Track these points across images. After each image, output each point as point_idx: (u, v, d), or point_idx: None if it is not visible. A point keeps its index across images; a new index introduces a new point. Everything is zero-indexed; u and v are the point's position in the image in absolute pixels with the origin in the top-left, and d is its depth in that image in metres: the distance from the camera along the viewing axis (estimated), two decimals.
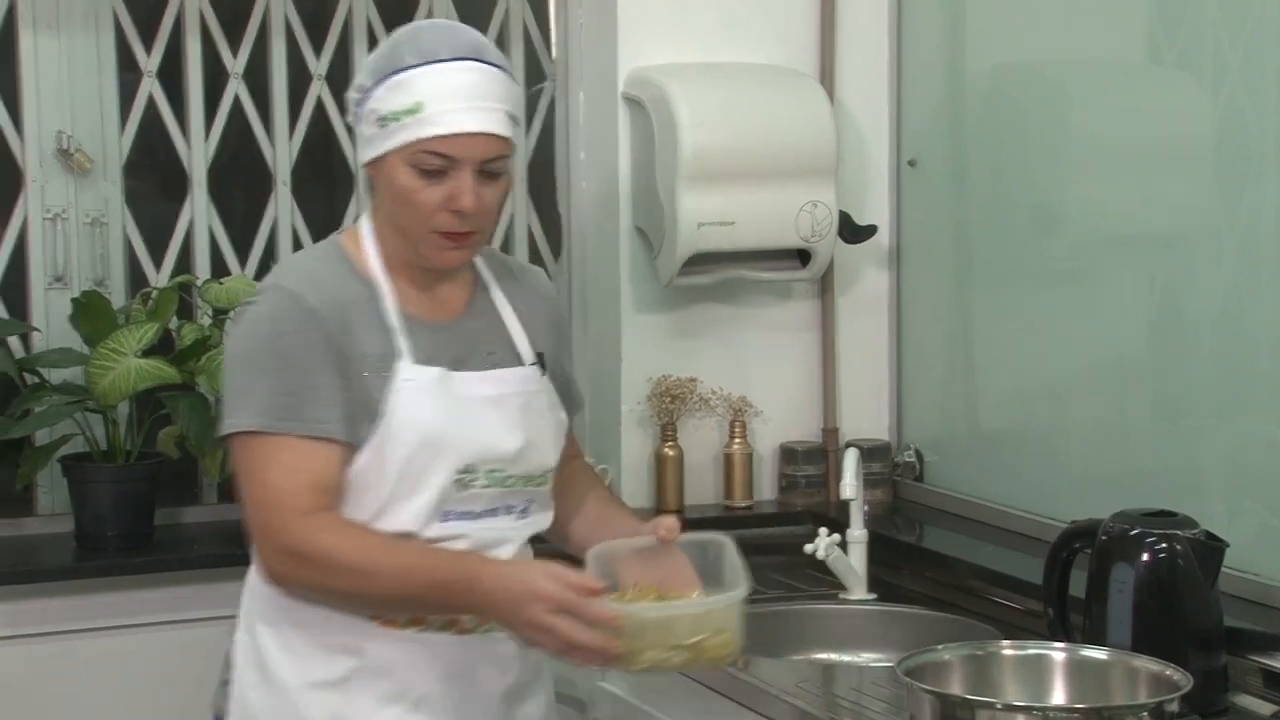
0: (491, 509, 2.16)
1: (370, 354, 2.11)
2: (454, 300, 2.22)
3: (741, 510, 3.28)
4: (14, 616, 2.89)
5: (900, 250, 3.37)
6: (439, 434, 2.11)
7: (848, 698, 2.46)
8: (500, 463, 2.15)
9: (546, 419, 2.22)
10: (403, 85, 2.09)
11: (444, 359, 2.15)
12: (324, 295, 2.11)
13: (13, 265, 3.15)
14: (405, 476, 2.10)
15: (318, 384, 2.08)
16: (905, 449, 3.32)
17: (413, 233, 2.13)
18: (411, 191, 2.09)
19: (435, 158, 2.08)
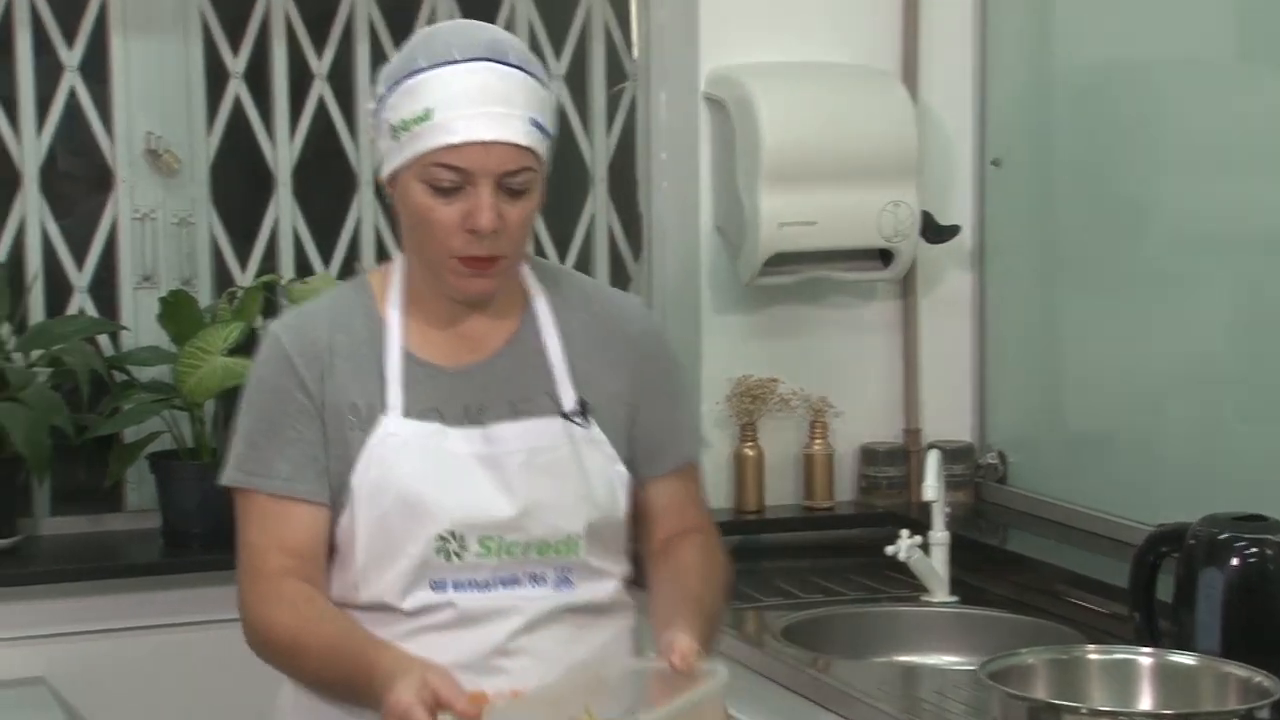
0: (509, 578, 1.93)
1: (360, 404, 1.93)
2: (489, 337, 1.98)
3: (821, 511, 3.27)
4: (102, 611, 2.93)
5: (983, 250, 3.35)
6: (413, 496, 1.89)
7: (929, 700, 2.44)
8: (494, 529, 1.91)
9: (573, 479, 1.94)
10: (413, 90, 1.89)
11: (451, 411, 1.94)
12: (307, 339, 1.94)
13: (103, 265, 3.19)
14: (377, 542, 1.90)
15: (287, 437, 1.91)
16: (988, 451, 3.30)
17: (433, 258, 1.92)
18: (426, 210, 1.88)
19: (447, 171, 1.86)
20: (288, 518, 1.91)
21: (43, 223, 3.14)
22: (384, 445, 1.91)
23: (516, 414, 1.94)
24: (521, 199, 1.89)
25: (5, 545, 2.96)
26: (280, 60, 3.26)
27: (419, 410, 1.93)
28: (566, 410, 1.96)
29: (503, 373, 1.97)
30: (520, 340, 1.99)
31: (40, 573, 2.94)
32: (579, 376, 1.97)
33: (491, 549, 1.91)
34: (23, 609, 2.89)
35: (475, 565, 1.91)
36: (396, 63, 1.94)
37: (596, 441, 1.97)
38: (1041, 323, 3.20)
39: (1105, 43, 3.05)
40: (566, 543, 1.94)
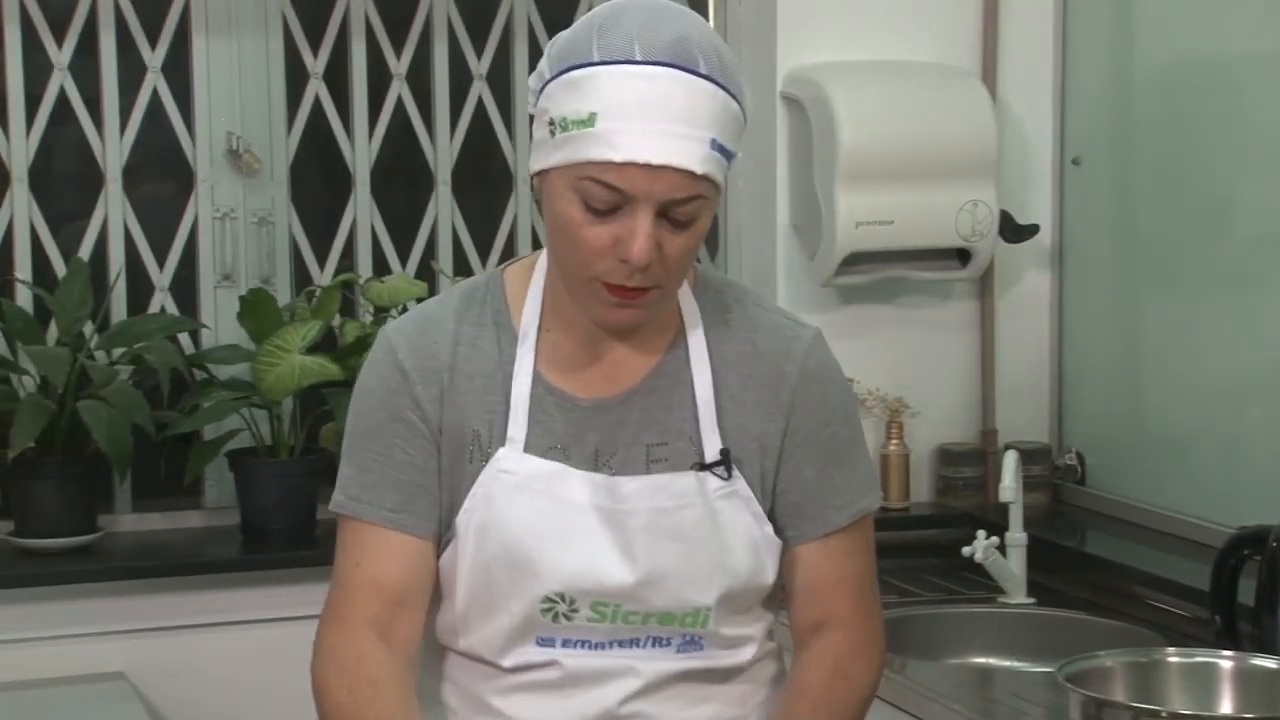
0: (626, 640, 1.69)
1: (481, 432, 1.68)
2: (631, 366, 1.71)
3: (898, 512, 3.25)
4: (181, 607, 2.96)
5: (1063, 250, 3.32)
6: (520, 549, 1.66)
7: (1005, 702, 2.42)
8: (609, 597, 1.66)
9: (706, 544, 1.68)
10: (578, 86, 1.59)
11: (579, 451, 1.68)
12: (425, 351, 1.69)
13: (184, 263, 3.23)
14: (479, 592, 1.69)
15: (396, 462, 1.69)
16: (1066, 452, 3.27)
17: (571, 275, 1.64)
18: (574, 225, 1.60)
19: (603, 189, 1.58)
20: (389, 553, 1.68)
21: (125, 222, 3.18)
22: (496, 483, 1.67)
23: (650, 460, 1.68)
24: (686, 230, 1.60)
25: (86, 542, 3.00)
26: (359, 60, 3.28)
27: (543, 446, 1.68)
28: (707, 460, 1.69)
29: (641, 410, 1.70)
30: (665, 372, 1.71)
31: (120, 569, 2.97)
32: (726, 421, 1.70)
33: (605, 615, 1.67)
34: (103, 605, 2.93)
35: (587, 628, 1.68)
36: (566, 42, 1.64)
37: (741, 497, 1.70)
38: (1121, 323, 3.17)
39: (1187, 39, 3.01)
40: (694, 616, 1.69)
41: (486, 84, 3.36)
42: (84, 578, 2.93)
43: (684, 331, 1.72)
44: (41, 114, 3.13)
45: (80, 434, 2.94)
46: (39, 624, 2.90)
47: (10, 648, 2.88)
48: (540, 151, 1.64)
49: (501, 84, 3.38)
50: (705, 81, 1.59)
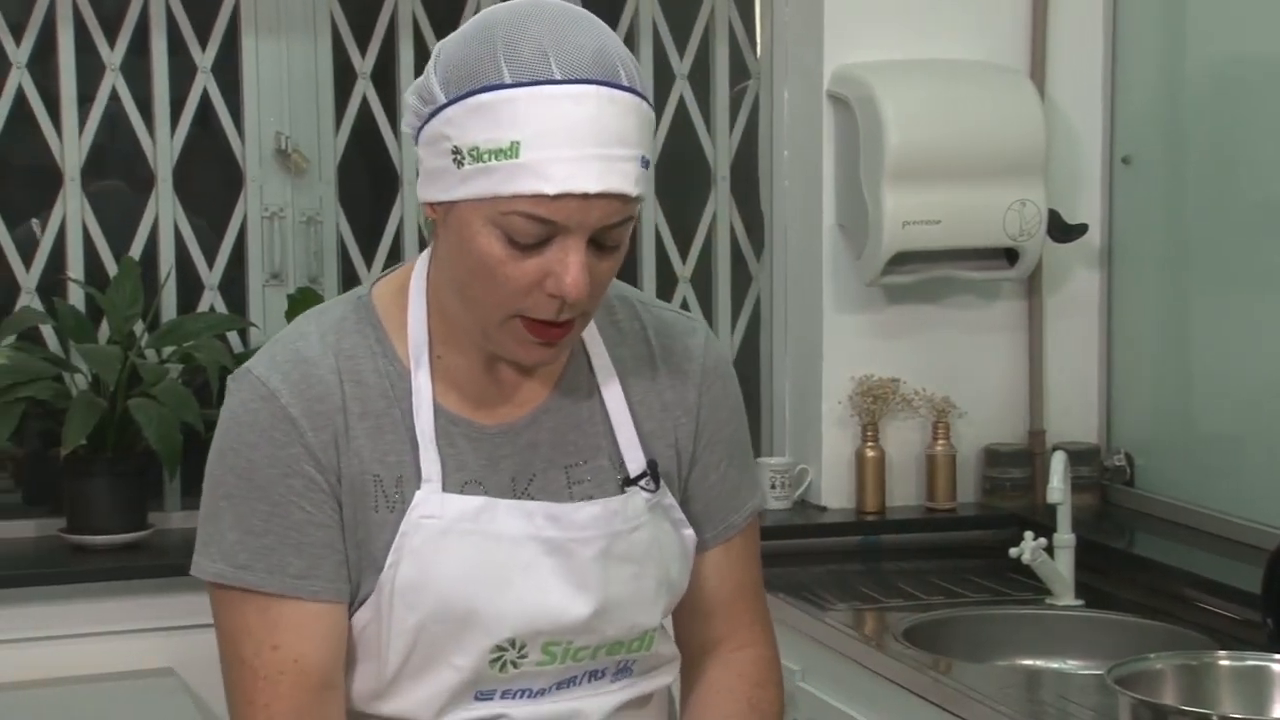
0: (565, 679, 1.57)
1: (384, 476, 1.51)
2: (531, 384, 1.56)
3: (944, 512, 3.24)
4: None
5: (1112, 249, 3.30)
6: (462, 603, 1.50)
7: (1053, 705, 2.41)
8: (563, 634, 1.54)
9: (652, 564, 1.58)
10: (493, 111, 1.42)
11: (497, 481, 1.54)
12: (312, 392, 1.50)
13: (233, 263, 3.25)
14: (413, 653, 1.52)
15: (295, 522, 1.49)
16: (1115, 453, 3.24)
17: (487, 315, 1.48)
18: (495, 262, 1.44)
19: (532, 223, 1.42)
20: (304, 627, 1.48)
21: (175, 222, 3.20)
22: (420, 532, 1.50)
23: (571, 482, 1.55)
24: (614, 253, 1.48)
25: (136, 539, 3.02)
26: (407, 60, 3.29)
27: (458, 482, 1.52)
28: (632, 475, 1.57)
29: (552, 430, 1.56)
30: (570, 387, 1.57)
31: (170, 566, 2.99)
32: (643, 432, 1.59)
33: (555, 655, 1.55)
34: (153, 601, 2.95)
35: (532, 674, 1.55)
36: (462, 59, 1.45)
37: (664, 507, 1.60)
38: (1170, 323, 3.14)
39: (1238, 38, 2.99)
40: (641, 640, 1.59)
41: None
42: (134, 574, 2.96)
43: (582, 342, 1.58)
44: (93, 115, 3.16)
45: (131, 432, 2.97)
46: (90, 620, 2.93)
47: (62, 643, 2.91)
48: (439, 181, 1.46)
49: None
50: (630, 95, 1.44)
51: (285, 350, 1.54)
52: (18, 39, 3.12)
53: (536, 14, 1.45)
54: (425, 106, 1.47)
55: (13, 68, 3.11)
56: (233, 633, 1.52)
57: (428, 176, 1.48)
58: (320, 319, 1.56)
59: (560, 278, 1.44)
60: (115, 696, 2.84)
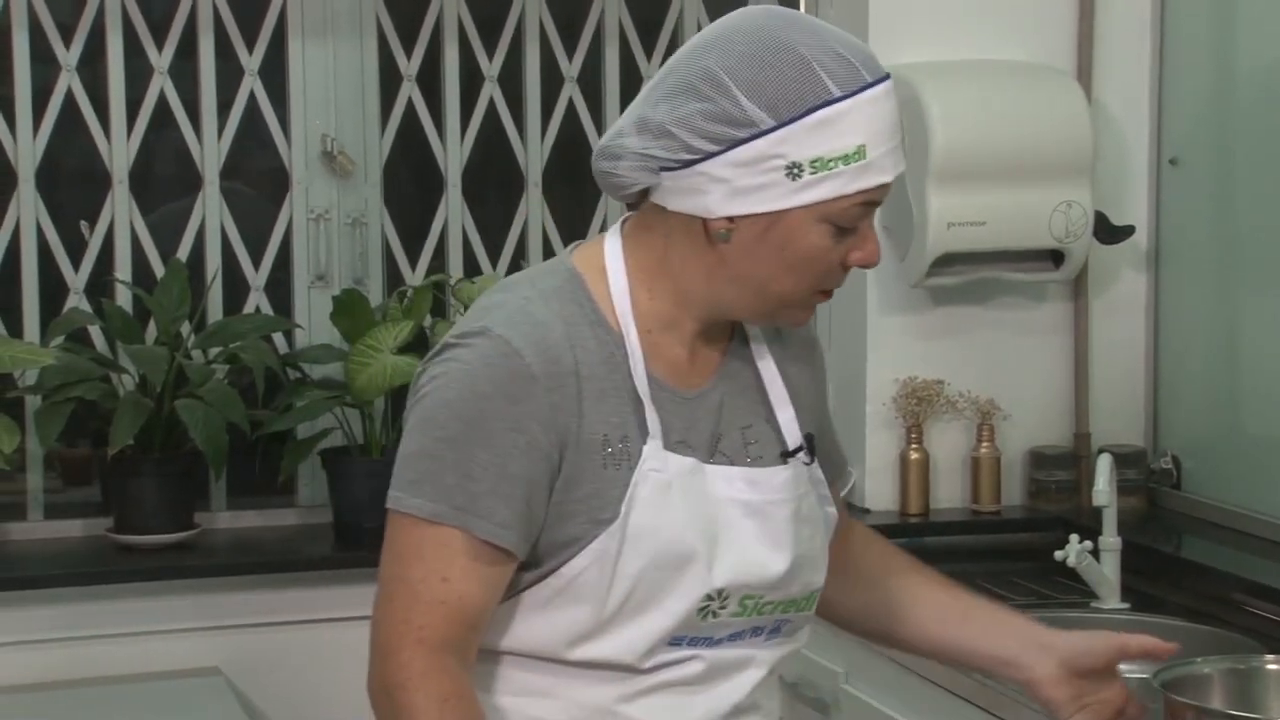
0: (736, 633, 1.69)
1: (611, 435, 1.62)
2: (707, 355, 1.71)
3: (988, 515, 3.22)
4: (275, 604, 3.00)
5: (1159, 251, 3.27)
6: (687, 548, 1.63)
7: None
8: (761, 589, 1.67)
9: (819, 525, 1.74)
10: (833, 124, 1.58)
11: (697, 444, 1.67)
12: (551, 355, 1.61)
13: (278, 264, 3.27)
14: (636, 596, 1.62)
15: (511, 475, 1.59)
16: (1161, 455, 3.22)
17: (789, 295, 1.65)
18: (821, 253, 1.62)
19: (865, 209, 1.62)
20: (479, 571, 1.58)
21: (222, 223, 3.22)
22: (648, 484, 1.62)
23: (745, 443, 1.69)
24: None
25: (183, 539, 3.04)
26: (452, 62, 3.31)
27: (672, 442, 1.65)
28: (790, 445, 1.71)
29: (726, 393, 1.70)
30: (734, 357, 1.73)
31: (216, 565, 3.02)
32: (799, 406, 1.74)
33: (748, 609, 1.67)
34: (199, 601, 2.98)
35: (721, 625, 1.66)
36: (777, 82, 1.59)
37: (817, 480, 1.75)
38: (1218, 325, 3.12)
39: None
40: (809, 598, 1.73)
41: (577, 86, 3.37)
42: (181, 574, 2.98)
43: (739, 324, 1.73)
44: (141, 117, 3.18)
45: (178, 432, 2.99)
46: (137, 620, 2.95)
47: (109, 642, 2.93)
48: (763, 194, 1.59)
49: (592, 86, 3.39)
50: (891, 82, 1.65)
51: (518, 313, 1.63)
52: (67, 42, 3.15)
53: (813, 26, 1.65)
54: (742, 131, 1.59)
55: (62, 70, 3.14)
56: (405, 557, 1.60)
57: (741, 193, 1.60)
58: (536, 286, 1.67)
59: (867, 249, 1.65)
60: (161, 695, 2.86)
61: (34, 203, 3.13)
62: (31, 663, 2.89)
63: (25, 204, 3.13)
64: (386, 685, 1.59)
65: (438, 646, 1.57)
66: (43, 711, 2.78)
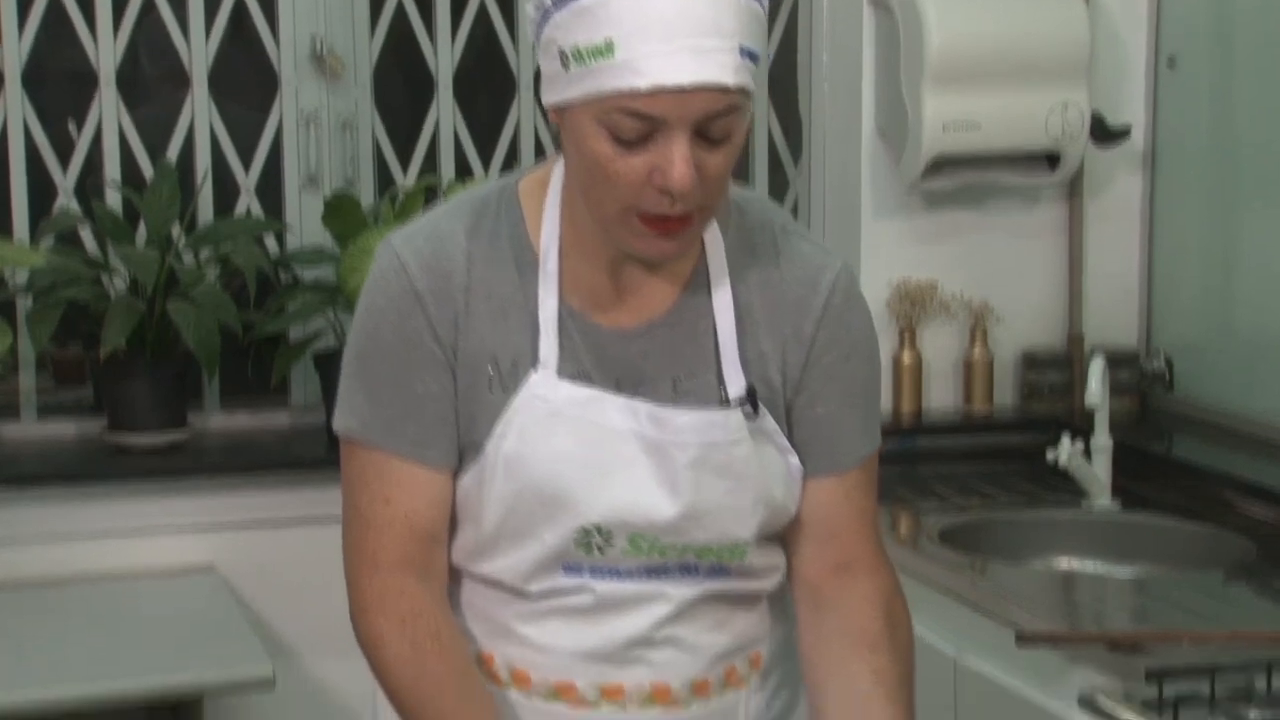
0: (655, 569, 1.62)
1: (501, 358, 1.58)
2: (652, 296, 1.61)
3: (981, 417, 3.23)
4: (269, 504, 3.01)
5: (1155, 153, 3.26)
6: (557, 481, 1.57)
7: (1088, 606, 2.42)
8: (649, 530, 1.59)
9: (751, 480, 1.61)
10: (590, 12, 1.46)
11: (607, 377, 1.59)
12: (439, 271, 1.57)
13: (269, 166, 3.24)
14: (511, 523, 1.60)
15: (416, 393, 1.58)
16: (1154, 356, 3.22)
17: (605, 211, 1.53)
18: (604, 160, 1.49)
19: (632, 119, 1.46)
20: (417, 488, 1.59)
21: (211, 124, 3.20)
22: (530, 411, 1.57)
23: (676, 393, 1.60)
24: (723, 145, 1.49)
25: (177, 440, 3.05)
26: None
27: (570, 372, 1.59)
28: (732, 397, 1.60)
29: (665, 342, 1.61)
30: (688, 304, 1.61)
31: (210, 465, 3.02)
32: (749, 350, 1.62)
33: (642, 548, 1.60)
34: (195, 500, 2.99)
35: (619, 560, 1.61)
36: None
37: (768, 432, 1.62)
38: (1214, 226, 3.11)
39: None
40: (732, 549, 1.63)
41: None
42: (175, 473, 2.98)
43: (706, 259, 1.62)
44: (128, 17, 3.15)
45: (169, 334, 2.98)
46: (133, 519, 2.96)
47: (105, 541, 2.95)
48: (553, 86, 1.51)
49: None
50: None
51: (426, 225, 1.62)
52: None
53: None
54: (537, 13, 1.52)
55: None
56: (352, 483, 1.63)
57: (546, 82, 1.53)
58: (467, 201, 1.64)
59: (666, 172, 1.47)
60: (158, 593, 2.88)
61: (21, 103, 3.11)
62: (27, 561, 2.91)
63: (12, 104, 3.10)
64: (354, 612, 1.63)
65: (394, 568, 1.59)
66: (39, 609, 2.80)
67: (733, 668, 1.67)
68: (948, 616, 2.45)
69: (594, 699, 1.62)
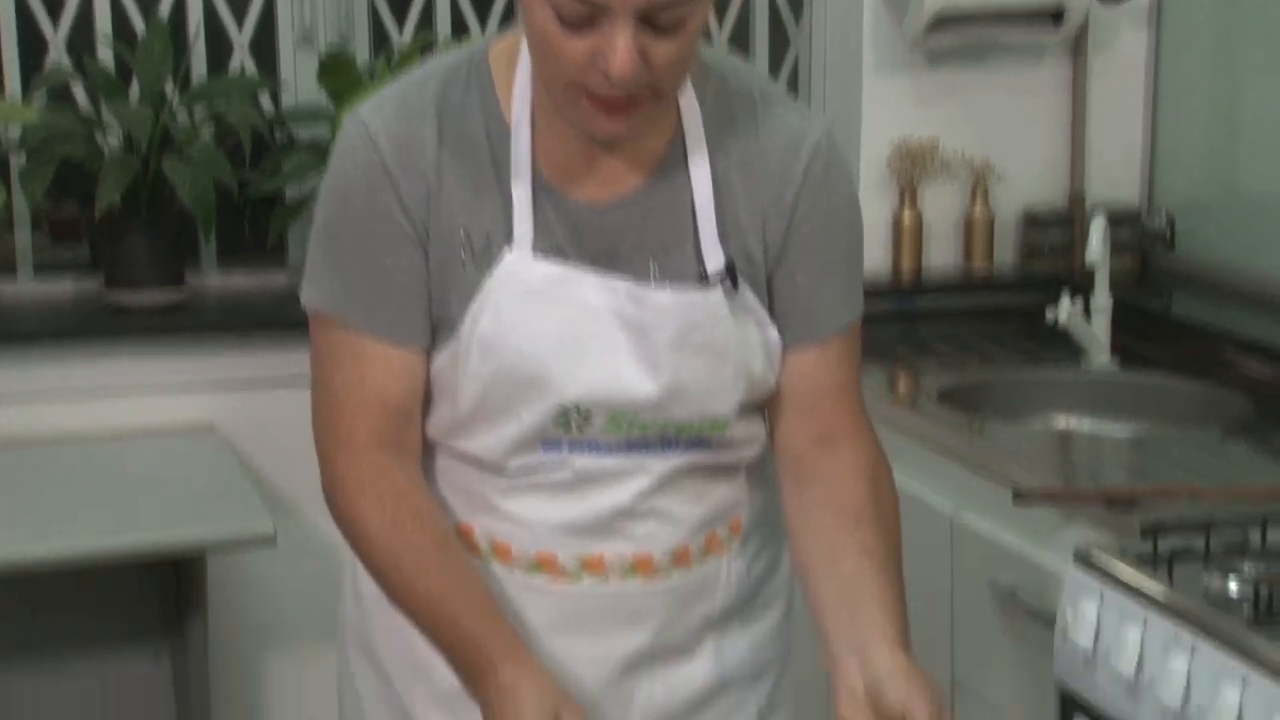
0: (636, 444, 1.60)
1: (474, 233, 1.55)
2: (631, 170, 1.57)
3: (981, 276, 3.22)
4: (267, 364, 3.00)
5: (1161, 9, 3.21)
6: (535, 361, 1.55)
7: (1084, 465, 2.43)
8: (629, 409, 1.58)
9: (730, 357, 1.59)
10: None
11: (582, 254, 1.56)
12: (409, 146, 1.53)
13: (262, 23, 3.20)
14: (488, 402, 1.57)
15: (384, 268, 1.55)
16: (1156, 214, 3.20)
17: (554, 89, 1.49)
18: (549, 39, 1.45)
19: (575, 2, 1.42)
20: (389, 367, 1.56)
21: None
22: (505, 290, 1.54)
23: (654, 270, 1.57)
24: (674, 35, 1.44)
25: (175, 300, 3.04)
26: None
27: (544, 247, 1.55)
28: (710, 272, 1.57)
29: (640, 218, 1.57)
30: (663, 178, 1.57)
31: (209, 324, 3.02)
32: (727, 223, 1.58)
33: (622, 426, 1.58)
34: (194, 360, 2.99)
35: (599, 436, 1.59)
36: None
37: (748, 307, 1.60)
38: (1219, 83, 3.07)
39: None
40: (713, 424, 1.61)
41: None
42: (174, 331, 2.98)
43: (683, 131, 1.57)
44: None
45: (165, 192, 2.96)
46: (132, 377, 2.97)
47: (104, 399, 2.95)
48: None
49: None
50: None
51: (394, 97, 1.57)
52: None
53: None
54: None
55: None
56: (323, 361, 1.60)
57: None
58: (438, 69, 1.59)
59: (607, 58, 1.43)
60: (158, 451, 2.89)
61: None
62: (28, 419, 2.92)
63: None
64: (329, 491, 1.60)
65: (369, 445, 1.57)
66: (40, 467, 2.82)
67: (714, 534, 1.66)
68: (945, 475, 2.47)
69: (575, 570, 1.61)
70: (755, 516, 1.71)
